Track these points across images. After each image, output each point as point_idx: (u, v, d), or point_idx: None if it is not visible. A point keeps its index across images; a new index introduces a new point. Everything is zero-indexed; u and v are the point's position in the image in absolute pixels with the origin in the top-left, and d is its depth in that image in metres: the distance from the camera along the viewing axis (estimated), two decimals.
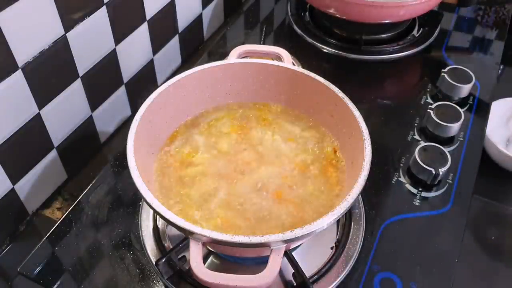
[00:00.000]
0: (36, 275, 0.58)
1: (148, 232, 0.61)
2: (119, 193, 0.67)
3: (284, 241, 0.44)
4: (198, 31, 0.95)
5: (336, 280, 0.56)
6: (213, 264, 0.59)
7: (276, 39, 0.96)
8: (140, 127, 0.55)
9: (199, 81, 0.62)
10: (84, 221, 0.63)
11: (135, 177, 0.49)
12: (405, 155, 0.71)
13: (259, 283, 0.43)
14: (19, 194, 0.64)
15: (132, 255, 0.59)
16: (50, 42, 0.59)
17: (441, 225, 0.63)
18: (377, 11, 0.83)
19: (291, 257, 0.54)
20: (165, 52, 0.85)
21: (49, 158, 0.67)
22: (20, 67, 0.56)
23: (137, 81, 0.80)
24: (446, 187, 0.67)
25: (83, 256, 0.59)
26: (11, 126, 0.59)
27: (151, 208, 0.47)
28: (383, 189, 0.67)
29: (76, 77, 0.66)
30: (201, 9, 0.93)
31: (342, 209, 0.46)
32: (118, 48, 0.72)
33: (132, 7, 0.72)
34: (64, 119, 0.67)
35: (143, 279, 0.57)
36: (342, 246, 0.59)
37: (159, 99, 0.58)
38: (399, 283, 0.56)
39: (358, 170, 0.50)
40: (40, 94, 0.61)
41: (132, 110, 0.82)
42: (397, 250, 0.60)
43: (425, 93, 0.82)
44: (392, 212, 0.64)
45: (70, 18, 0.61)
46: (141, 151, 0.53)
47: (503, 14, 1.01)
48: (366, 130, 0.54)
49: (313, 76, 0.61)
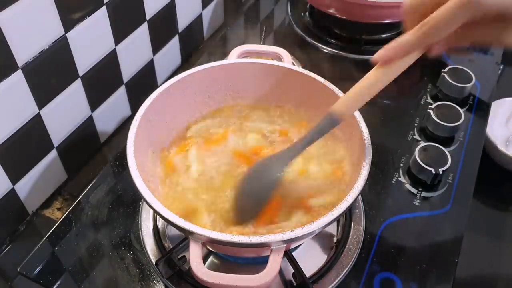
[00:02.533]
0: (36, 275, 0.58)
1: (148, 232, 0.61)
2: (119, 193, 0.67)
3: (284, 241, 0.44)
4: (198, 31, 0.95)
5: (336, 280, 0.56)
6: (213, 264, 0.59)
7: (276, 39, 0.96)
8: (140, 127, 0.55)
9: (199, 81, 0.62)
10: (84, 221, 0.63)
11: (135, 177, 0.49)
12: (405, 155, 0.71)
13: (259, 283, 0.43)
14: (19, 194, 0.64)
15: (132, 255, 0.60)
16: (50, 42, 0.59)
17: (441, 225, 0.63)
18: (377, 11, 0.83)
19: (291, 257, 0.54)
20: (165, 52, 0.85)
21: (49, 158, 0.67)
22: (20, 67, 0.56)
23: (137, 81, 0.80)
24: (446, 187, 0.67)
25: (83, 256, 0.59)
26: (11, 126, 0.59)
27: (151, 208, 0.47)
28: (383, 189, 0.67)
29: (76, 77, 0.66)
30: (201, 9, 0.93)
31: (341, 209, 0.46)
32: (118, 48, 0.72)
33: (132, 7, 0.72)
34: (64, 119, 0.67)
35: (143, 279, 0.57)
36: (342, 246, 0.59)
37: (159, 99, 0.58)
38: (399, 283, 0.56)
39: (358, 170, 0.50)
40: (40, 94, 0.61)
41: (132, 110, 0.82)
42: (397, 250, 0.60)
43: (425, 93, 0.82)
44: (392, 212, 0.64)
45: (70, 18, 0.61)
46: (141, 151, 0.53)
47: None
48: (366, 130, 0.54)
49: (313, 76, 0.61)
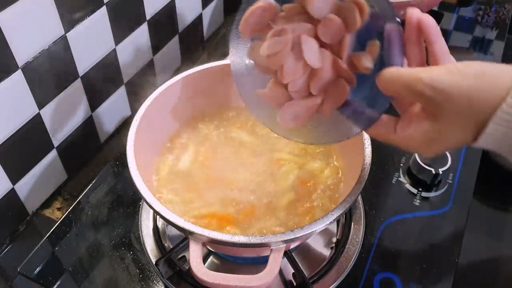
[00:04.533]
0: (36, 275, 0.58)
1: (148, 232, 0.61)
2: (119, 193, 0.67)
3: (284, 241, 0.44)
4: (198, 31, 0.95)
5: (336, 280, 0.56)
6: (213, 264, 0.59)
7: None
8: (140, 127, 0.55)
9: (199, 81, 0.62)
10: (84, 221, 0.63)
11: (135, 177, 0.49)
12: (405, 155, 0.71)
13: (259, 283, 0.43)
14: (19, 194, 0.64)
15: (132, 255, 0.59)
16: (50, 42, 0.59)
17: (441, 225, 0.63)
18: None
19: (291, 257, 0.54)
20: (165, 52, 0.85)
21: (49, 158, 0.67)
22: (20, 67, 0.56)
23: (137, 81, 0.80)
24: (446, 187, 0.67)
25: (83, 256, 0.59)
26: (11, 126, 0.59)
27: (151, 208, 0.47)
28: (383, 189, 0.67)
29: (76, 77, 0.66)
30: (201, 9, 0.93)
31: (341, 209, 0.46)
32: (118, 48, 0.72)
33: (132, 7, 0.72)
34: (64, 119, 0.67)
35: (143, 279, 0.57)
36: (342, 246, 0.59)
37: (159, 99, 0.58)
38: (399, 283, 0.56)
39: (358, 170, 0.50)
40: (40, 94, 0.61)
41: (132, 110, 0.82)
42: (397, 250, 0.60)
43: None
44: (392, 212, 0.64)
45: (70, 18, 0.61)
46: (141, 151, 0.53)
47: (503, 14, 1.01)
48: None
49: None
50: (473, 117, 0.35)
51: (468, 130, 0.36)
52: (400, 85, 0.37)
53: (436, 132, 0.38)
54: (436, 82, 0.35)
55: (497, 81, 0.34)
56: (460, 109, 0.35)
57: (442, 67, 0.37)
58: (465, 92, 0.34)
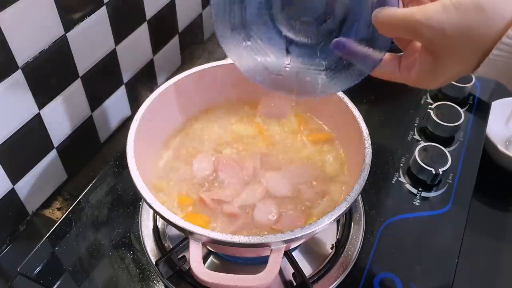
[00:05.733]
0: (36, 275, 0.58)
1: (148, 232, 0.61)
2: (119, 193, 0.67)
3: (284, 241, 0.44)
4: (198, 31, 0.95)
5: (336, 280, 0.56)
6: (213, 264, 0.59)
7: None
8: (140, 127, 0.55)
9: (199, 81, 0.62)
10: (84, 221, 0.63)
11: (135, 177, 0.49)
12: (405, 155, 0.71)
13: (259, 283, 0.43)
14: (19, 194, 0.64)
15: (132, 255, 0.59)
16: (50, 42, 0.59)
17: (441, 225, 0.63)
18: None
19: (291, 257, 0.54)
20: (165, 52, 0.85)
21: (49, 158, 0.67)
22: (20, 67, 0.56)
23: (137, 81, 0.80)
24: (446, 187, 0.67)
25: (83, 256, 0.59)
26: (11, 126, 0.59)
27: (151, 208, 0.47)
28: (383, 189, 0.67)
29: (76, 77, 0.66)
30: (201, 9, 0.93)
31: (341, 209, 0.46)
32: (118, 48, 0.72)
33: (132, 7, 0.72)
34: (64, 119, 0.67)
35: (143, 279, 0.57)
36: (342, 246, 0.59)
37: (159, 99, 0.58)
38: (399, 283, 0.56)
39: (358, 170, 0.50)
40: (40, 94, 0.61)
41: (132, 110, 0.82)
42: (397, 250, 0.60)
43: (425, 93, 0.82)
44: (392, 212, 0.64)
45: (70, 18, 0.61)
46: (141, 151, 0.53)
47: None
48: (366, 130, 0.54)
49: None
50: (474, 50, 0.36)
51: (470, 61, 0.37)
52: (396, 27, 0.38)
53: (439, 65, 0.38)
54: (432, 22, 0.35)
55: (495, 14, 0.34)
56: (459, 44, 0.36)
57: (437, 3, 0.36)
58: (463, 28, 0.35)
